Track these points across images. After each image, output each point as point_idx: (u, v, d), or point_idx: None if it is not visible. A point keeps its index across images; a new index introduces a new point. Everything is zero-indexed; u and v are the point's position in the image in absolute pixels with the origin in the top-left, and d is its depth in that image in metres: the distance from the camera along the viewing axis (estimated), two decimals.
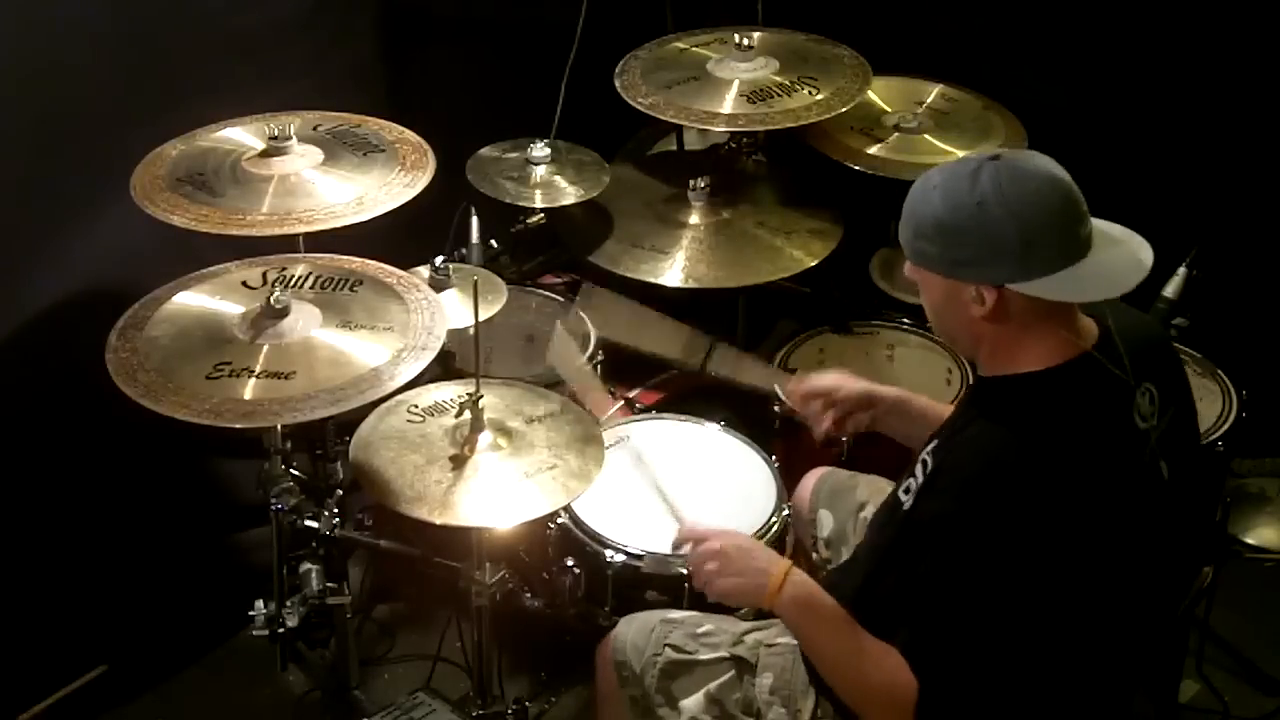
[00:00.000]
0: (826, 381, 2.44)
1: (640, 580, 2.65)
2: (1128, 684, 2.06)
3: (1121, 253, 1.88)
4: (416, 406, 2.49)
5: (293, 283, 2.48)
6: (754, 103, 3.07)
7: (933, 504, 1.89)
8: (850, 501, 2.58)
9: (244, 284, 2.48)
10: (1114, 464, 1.88)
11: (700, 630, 2.27)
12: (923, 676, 1.84)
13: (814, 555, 2.63)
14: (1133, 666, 2.06)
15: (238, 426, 2.19)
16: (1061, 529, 1.81)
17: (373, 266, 2.58)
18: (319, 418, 2.25)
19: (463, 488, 2.31)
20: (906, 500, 1.95)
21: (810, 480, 2.70)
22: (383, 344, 2.36)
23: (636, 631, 2.30)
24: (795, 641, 2.17)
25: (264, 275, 2.51)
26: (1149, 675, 2.21)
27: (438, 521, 2.27)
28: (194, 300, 2.45)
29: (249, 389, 2.24)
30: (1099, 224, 1.89)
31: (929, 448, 1.98)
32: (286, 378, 2.26)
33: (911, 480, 1.96)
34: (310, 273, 2.52)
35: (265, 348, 2.32)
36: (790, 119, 3.04)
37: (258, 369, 2.27)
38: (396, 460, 2.36)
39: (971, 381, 2.36)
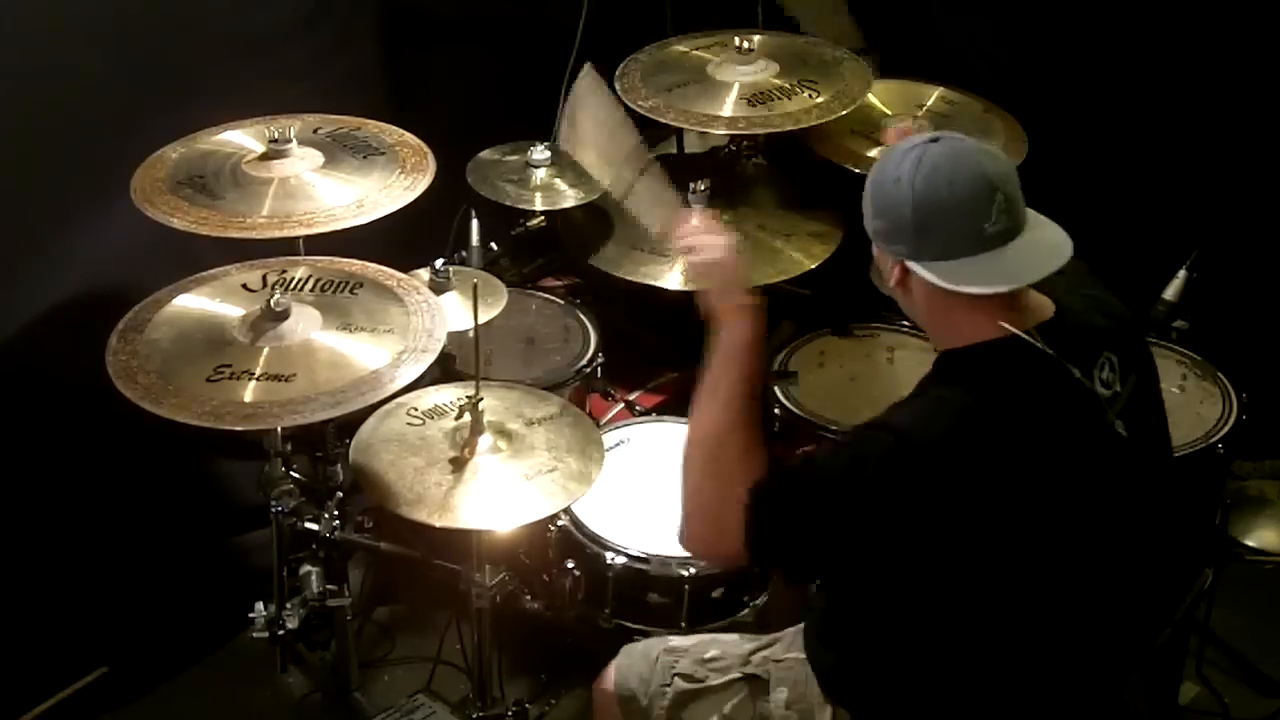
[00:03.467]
0: None
1: (641, 582, 2.66)
2: (1107, 671, 2.05)
3: (1029, 250, 1.87)
4: (416, 409, 2.49)
5: (293, 285, 2.48)
6: (754, 105, 3.07)
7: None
8: None
9: (244, 286, 2.48)
10: (1055, 434, 1.88)
11: (707, 656, 2.27)
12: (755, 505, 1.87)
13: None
14: (1127, 668, 2.06)
15: (238, 429, 2.19)
16: (998, 481, 1.82)
17: (373, 269, 2.58)
18: (319, 420, 2.26)
19: (462, 490, 2.32)
20: None
21: None
22: (383, 346, 2.36)
23: (639, 662, 2.30)
24: (803, 656, 2.18)
25: (264, 278, 2.51)
26: (1138, 665, 2.20)
27: (438, 524, 2.27)
28: (194, 303, 2.45)
29: (249, 391, 2.24)
30: (1043, 230, 1.90)
31: None
32: (287, 380, 2.26)
33: None
34: (310, 275, 2.52)
35: (265, 350, 2.32)
36: (790, 121, 3.04)
37: (258, 371, 2.27)
38: (396, 463, 2.37)
39: None
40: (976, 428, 1.85)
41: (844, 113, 3.08)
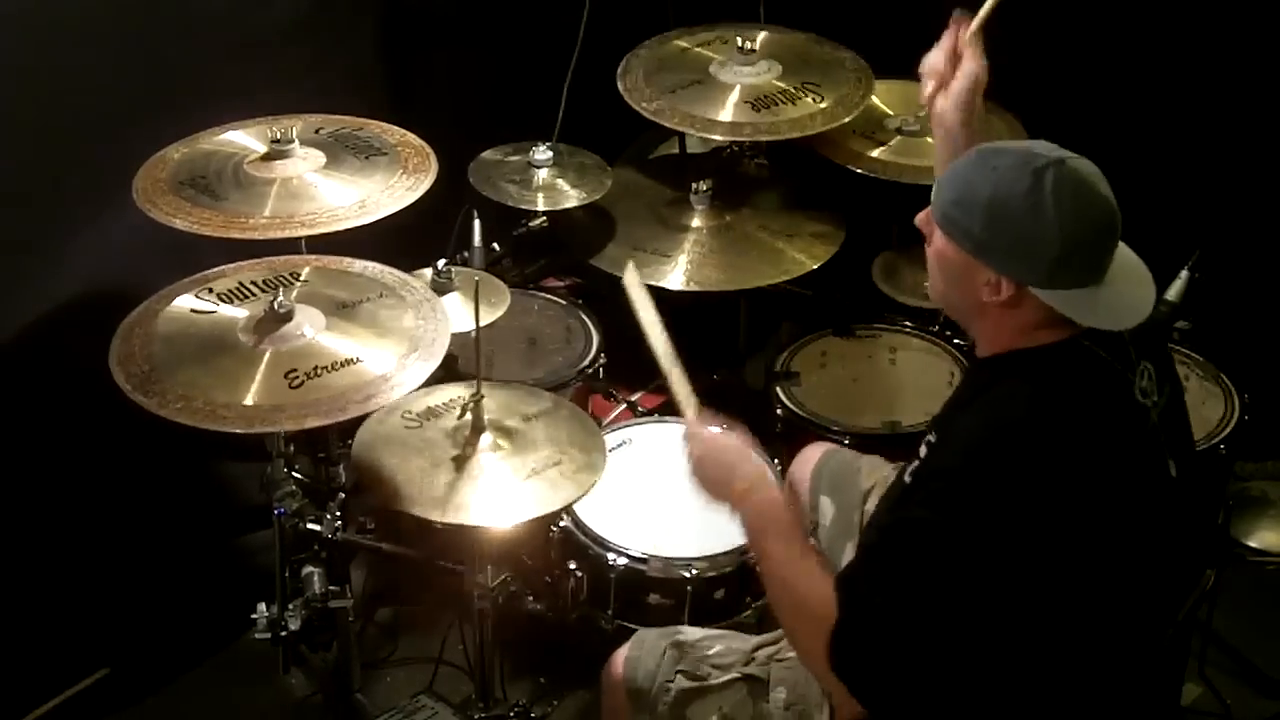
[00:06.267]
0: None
1: (643, 584, 2.66)
2: (1129, 687, 2.05)
3: (1132, 287, 1.90)
4: (411, 412, 2.48)
5: (301, 281, 2.48)
6: (758, 110, 3.07)
7: (933, 462, 1.91)
8: (854, 491, 2.56)
9: (247, 286, 2.48)
10: (1118, 435, 1.88)
11: (711, 652, 2.27)
12: (844, 608, 1.82)
13: (810, 542, 2.62)
14: (1134, 669, 2.06)
15: (239, 431, 2.19)
16: (1065, 493, 1.81)
17: (375, 269, 2.58)
18: (325, 424, 2.25)
19: (470, 488, 2.31)
20: (909, 480, 1.96)
21: (811, 459, 2.67)
22: (388, 349, 2.35)
23: (648, 655, 2.30)
24: None
25: (269, 278, 2.50)
26: (1152, 680, 2.21)
27: (451, 522, 2.26)
28: (198, 304, 2.44)
29: (252, 393, 2.24)
30: (1121, 249, 1.91)
31: (930, 432, 2.00)
32: (291, 383, 2.26)
33: (916, 461, 1.97)
34: (317, 275, 2.53)
35: (269, 352, 2.32)
36: (796, 129, 3.04)
37: (261, 373, 2.27)
38: (402, 466, 2.36)
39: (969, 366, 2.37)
40: (1044, 434, 1.84)
41: (848, 119, 3.08)
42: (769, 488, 2.05)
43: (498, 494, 2.32)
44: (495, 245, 3.31)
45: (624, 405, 3.21)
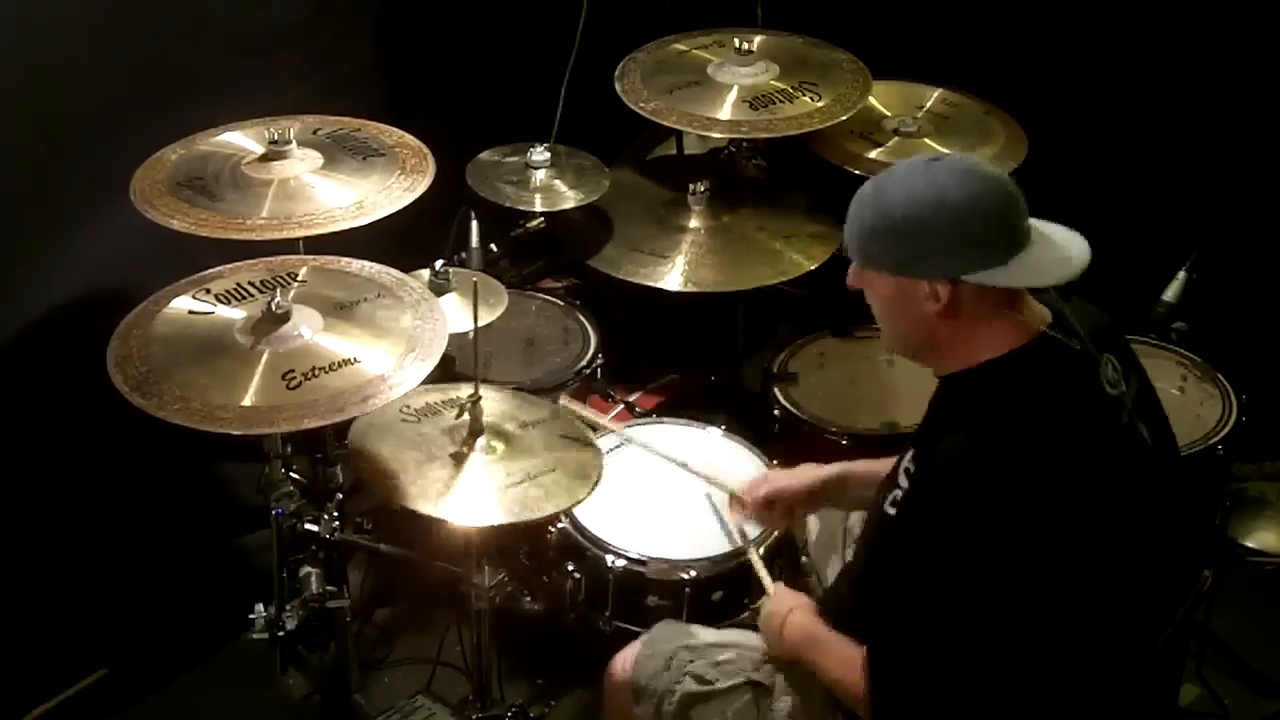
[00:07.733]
0: (775, 485, 2.49)
1: (641, 585, 2.65)
2: (1124, 688, 2.05)
3: (1059, 242, 1.91)
4: (409, 407, 2.48)
5: (299, 281, 2.48)
6: (756, 109, 3.07)
7: (913, 496, 1.92)
8: (837, 510, 2.57)
9: (245, 287, 2.48)
10: (1093, 433, 1.90)
11: (721, 659, 2.28)
12: (873, 671, 1.92)
13: (802, 559, 2.63)
14: (1131, 670, 2.06)
15: (237, 433, 2.19)
16: (1045, 511, 1.82)
17: (372, 270, 2.58)
18: (322, 425, 2.25)
19: (460, 486, 2.31)
20: (893, 511, 1.97)
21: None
22: (385, 350, 2.35)
23: (657, 657, 2.30)
24: None
25: (266, 279, 2.50)
26: (1149, 680, 2.22)
27: (436, 516, 2.26)
28: (196, 305, 2.44)
29: (250, 394, 2.24)
30: (1044, 224, 1.93)
31: (909, 456, 2.00)
32: (289, 383, 2.26)
33: (897, 491, 1.98)
34: (313, 275, 2.53)
35: (266, 353, 2.32)
36: (793, 126, 3.04)
37: (259, 374, 2.27)
38: (396, 457, 2.36)
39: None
40: (1016, 441, 1.85)
41: (845, 117, 3.08)
42: (799, 612, 2.19)
43: (490, 496, 2.31)
44: (493, 246, 3.31)
45: (622, 406, 3.21)
